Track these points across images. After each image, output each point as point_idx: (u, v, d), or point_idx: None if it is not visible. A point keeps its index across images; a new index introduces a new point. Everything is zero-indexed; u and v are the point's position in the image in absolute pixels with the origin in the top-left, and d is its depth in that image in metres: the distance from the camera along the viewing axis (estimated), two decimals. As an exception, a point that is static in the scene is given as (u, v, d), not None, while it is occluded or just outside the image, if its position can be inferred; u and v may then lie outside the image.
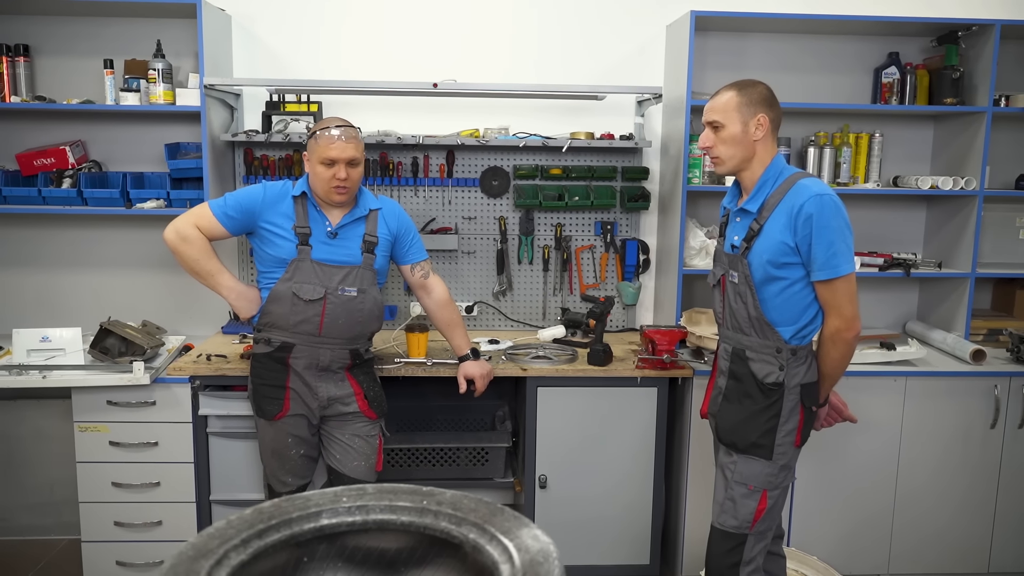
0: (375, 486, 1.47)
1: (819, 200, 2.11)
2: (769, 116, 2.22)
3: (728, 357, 2.32)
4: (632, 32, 3.52)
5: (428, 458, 3.17)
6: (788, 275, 2.18)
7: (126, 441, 2.94)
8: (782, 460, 2.23)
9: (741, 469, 2.25)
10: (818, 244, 2.11)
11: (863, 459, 3.12)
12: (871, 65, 3.53)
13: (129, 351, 2.96)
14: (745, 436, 2.24)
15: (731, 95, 2.23)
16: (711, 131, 2.26)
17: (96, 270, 3.48)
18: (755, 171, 2.24)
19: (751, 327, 2.24)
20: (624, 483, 3.08)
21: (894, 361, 3.13)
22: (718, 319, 2.39)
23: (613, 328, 3.63)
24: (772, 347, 2.21)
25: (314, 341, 2.56)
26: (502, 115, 3.49)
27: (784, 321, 2.20)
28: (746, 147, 2.22)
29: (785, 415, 2.20)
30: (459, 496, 1.43)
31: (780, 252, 2.16)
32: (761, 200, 2.22)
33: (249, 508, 1.36)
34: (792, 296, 2.19)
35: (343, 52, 3.45)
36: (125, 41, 3.31)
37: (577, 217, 3.58)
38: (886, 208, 3.67)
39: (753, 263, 2.20)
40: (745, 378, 2.26)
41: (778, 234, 2.16)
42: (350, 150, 2.47)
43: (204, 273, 2.59)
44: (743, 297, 2.24)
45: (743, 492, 2.25)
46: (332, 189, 2.49)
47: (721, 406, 2.34)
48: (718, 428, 2.34)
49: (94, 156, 3.42)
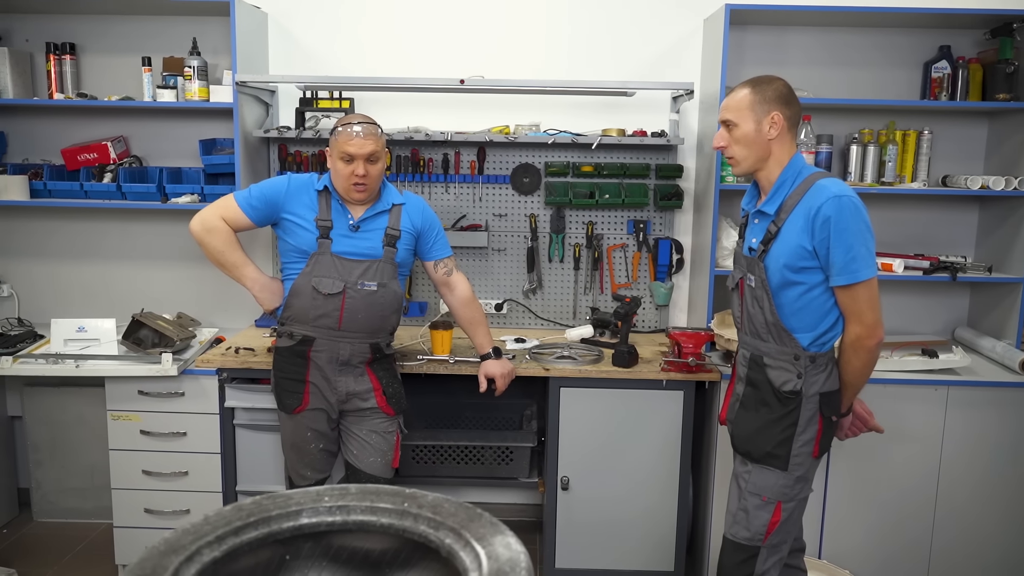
0: (359, 487, 1.46)
1: (837, 202, 2.01)
2: (784, 114, 2.12)
3: (746, 363, 2.24)
4: (669, 26, 3.43)
5: (453, 456, 3.15)
6: (806, 280, 2.09)
7: (156, 430, 3.00)
8: (798, 471, 2.14)
9: (755, 479, 2.17)
10: (837, 248, 2.01)
11: (901, 471, 2.99)
12: (920, 59, 3.37)
13: (162, 343, 3.03)
14: (760, 445, 2.16)
15: (745, 93, 2.14)
16: (725, 130, 2.18)
17: (136, 262, 3.57)
18: (772, 171, 2.16)
19: (768, 333, 2.16)
20: (648, 487, 3.01)
21: (936, 369, 2.99)
22: (737, 323, 2.31)
23: (644, 329, 3.56)
24: (790, 354, 2.13)
25: (334, 335, 2.57)
26: (534, 111, 3.45)
27: (802, 327, 2.12)
28: (761, 146, 2.14)
29: (803, 425, 2.11)
30: (440, 499, 1.40)
31: (798, 256, 2.07)
32: (779, 202, 2.13)
33: (230, 505, 1.36)
34: (811, 301, 2.10)
35: (376, 49, 3.46)
36: (165, 39, 3.38)
37: (609, 215, 3.51)
38: (935, 209, 3.50)
39: (770, 267, 2.12)
40: (762, 385, 2.18)
41: (795, 237, 2.07)
42: (369, 146, 2.46)
43: (228, 264, 2.62)
44: (760, 302, 2.16)
45: (756, 503, 2.17)
46: (351, 186, 2.49)
47: (738, 413, 2.26)
48: (733, 436, 2.26)
49: (136, 151, 3.50)
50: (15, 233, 3.57)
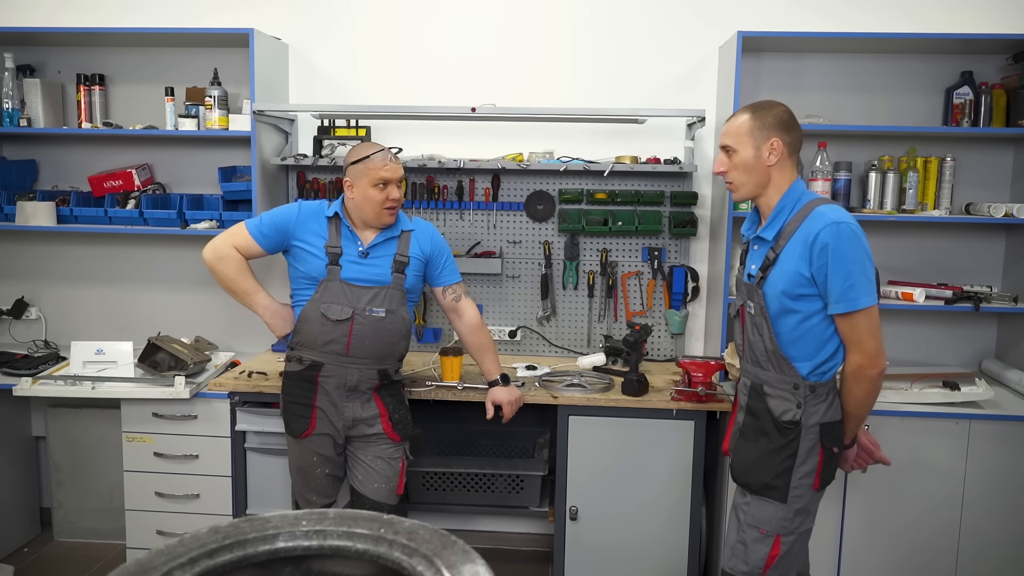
0: (337, 512, 1.46)
1: (835, 228, 1.99)
2: (784, 140, 2.11)
3: (746, 392, 2.21)
4: (684, 53, 3.43)
5: (464, 483, 3.15)
6: (804, 308, 2.06)
7: (169, 453, 3.06)
8: (798, 504, 2.10)
9: (754, 511, 2.14)
10: (835, 275, 1.99)
11: (921, 507, 2.90)
12: (941, 85, 3.32)
13: (178, 366, 3.09)
14: (759, 476, 2.12)
15: (745, 119, 2.14)
16: (724, 155, 2.18)
17: (157, 287, 3.66)
18: (771, 197, 2.14)
19: (768, 361, 2.13)
20: (659, 518, 2.97)
21: (958, 402, 2.91)
22: (739, 352, 2.28)
23: (659, 357, 3.53)
24: (789, 383, 2.10)
25: (342, 361, 2.59)
26: (548, 139, 3.47)
27: (801, 356, 2.08)
28: (760, 172, 2.13)
29: (802, 456, 2.07)
30: (416, 526, 1.40)
31: (795, 283, 2.05)
32: (777, 228, 2.12)
33: (207, 526, 1.37)
34: (810, 329, 2.07)
35: (393, 78, 3.52)
36: (188, 70, 3.49)
37: (623, 242, 3.51)
38: (960, 237, 3.43)
39: (768, 294, 2.10)
40: (762, 415, 2.14)
41: (793, 264, 2.05)
42: (400, 170, 2.60)
43: (240, 292, 2.68)
44: (759, 329, 2.13)
45: (755, 536, 2.13)
46: (384, 211, 2.57)
47: (737, 443, 2.23)
48: (732, 466, 2.23)
49: (160, 178, 3.60)
50: (43, 258, 3.68)
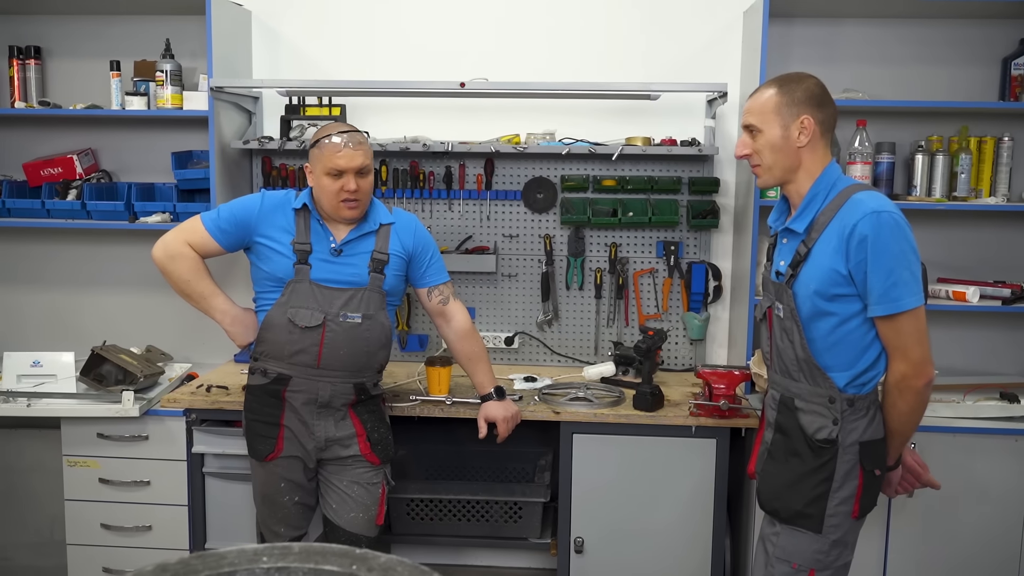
0: (302, 546, 1.45)
1: (876, 218, 1.97)
2: (816, 118, 2.09)
3: (775, 406, 2.19)
4: (704, 20, 3.42)
5: (454, 511, 3.13)
6: (840, 309, 2.04)
7: (117, 479, 3.03)
8: (834, 535, 2.08)
9: (784, 543, 2.12)
10: (875, 272, 1.97)
11: (976, 536, 2.89)
12: (998, 54, 3.31)
13: (126, 379, 3.07)
14: (790, 503, 2.10)
15: (771, 94, 2.12)
16: (748, 135, 2.16)
17: (102, 289, 3.63)
18: (802, 184, 2.13)
19: (800, 371, 2.11)
20: (676, 551, 2.95)
21: (1017, 416, 2.91)
22: (766, 360, 2.27)
23: (676, 367, 3.52)
24: (824, 396, 2.08)
25: (312, 373, 2.57)
26: (548, 118, 3.45)
27: (838, 365, 2.07)
28: (789, 155, 2.11)
29: (839, 479, 2.06)
30: (393, 562, 1.39)
31: (830, 281, 2.03)
32: (809, 218, 2.10)
33: (152, 563, 1.36)
34: (847, 335, 2.05)
35: (371, 50, 3.50)
36: (136, 41, 3.46)
37: (635, 236, 3.50)
38: (1018, 228, 3.41)
39: (799, 294, 2.08)
40: (792, 432, 2.13)
41: (828, 260, 2.03)
42: (359, 158, 2.48)
43: (195, 295, 2.65)
44: (789, 334, 2.12)
45: (785, 571, 2.11)
46: (341, 204, 2.50)
47: (765, 465, 2.21)
48: (760, 492, 2.21)
49: (105, 165, 3.58)
50: (-31, 256, 3.67)
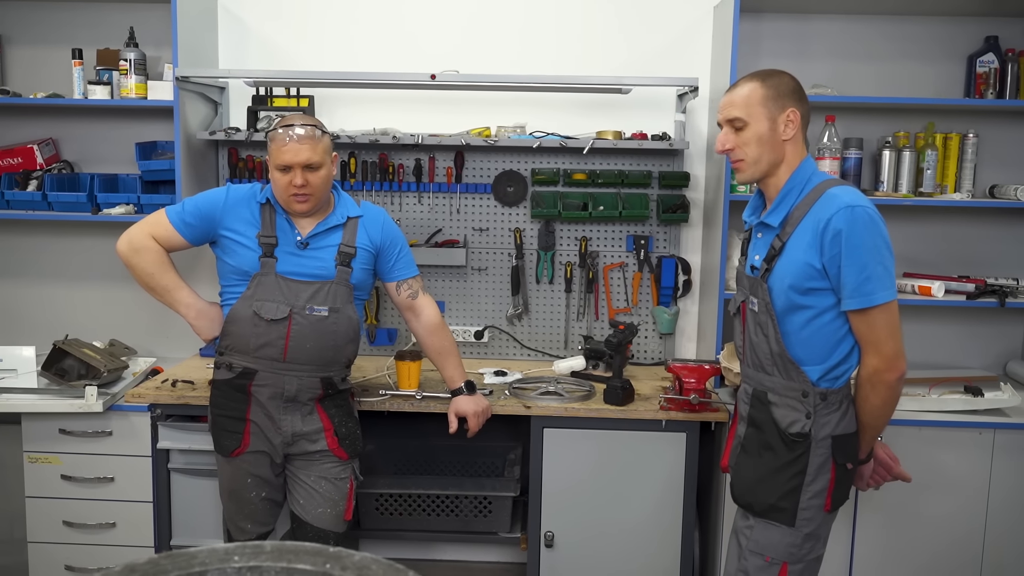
0: (274, 544, 1.43)
1: (850, 213, 1.97)
2: (800, 111, 2.10)
3: (748, 400, 2.19)
4: (674, 14, 3.41)
5: (423, 506, 3.12)
6: (814, 303, 2.04)
7: (80, 475, 2.97)
8: (807, 528, 2.08)
9: (757, 536, 2.12)
10: (848, 266, 1.97)
11: (941, 527, 2.92)
12: (963, 52, 3.34)
13: (89, 374, 3.02)
14: (763, 497, 2.10)
15: (754, 86, 2.11)
16: (731, 130, 2.14)
17: (64, 282, 3.55)
18: (781, 178, 2.12)
19: (773, 365, 2.11)
20: (647, 544, 2.95)
21: (981, 410, 2.94)
22: (739, 354, 2.27)
23: (646, 360, 3.53)
24: (797, 390, 2.08)
25: (278, 367, 2.54)
26: (519, 111, 3.42)
27: (811, 359, 2.07)
28: (774, 148, 2.11)
29: (812, 473, 2.06)
30: (368, 560, 1.37)
31: (805, 275, 2.03)
32: (784, 212, 2.09)
33: (120, 564, 1.34)
34: (820, 328, 2.06)
35: (339, 41, 3.44)
36: (99, 29, 3.37)
37: (606, 230, 3.49)
38: (981, 224, 3.45)
39: (774, 288, 2.07)
40: (766, 426, 2.13)
41: (802, 254, 2.03)
42: (304, 153, 2.42)
43: (159, 288, 2.62)
44: (763, 328, 2.11)
45: (759, 564, 2.11)
46: (291, 198, 2.47)
47: (738, 459, 2.21)
48: (733, 485, 2.21)
49: (67, 156, 3.50)
50: (-72, 248, 3.58)
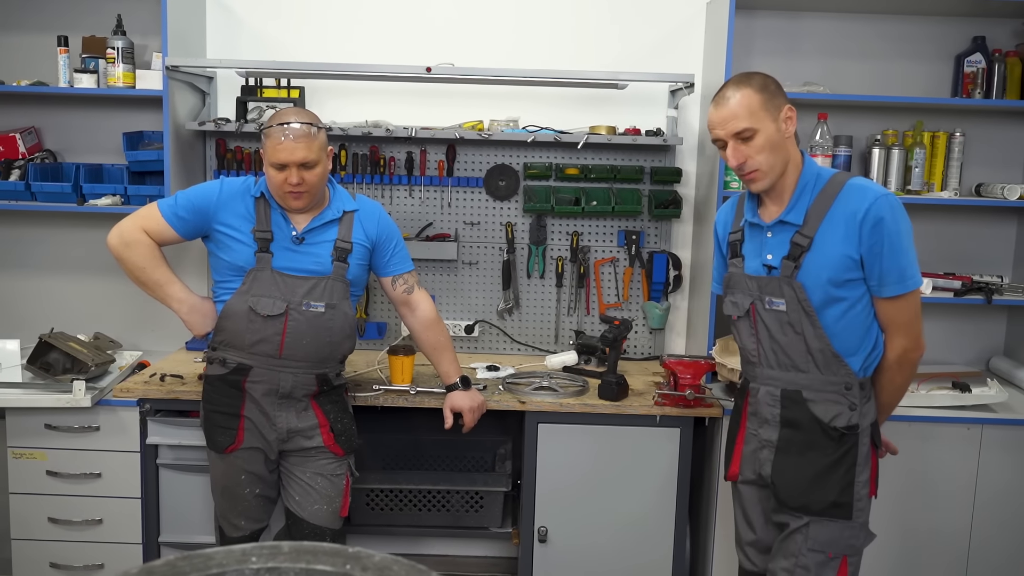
0: (292, 545, 1.40)
1: (887, 201, 2.02)
2: (792, 106, 2.11)
3: (776, 403, 2.16)
4: (667, 11, 3.38)
5: (414, 501, 3.10)
6: (849, 294, 2.07)
7: (66, 471, 2.91)
8: (862, 517, 2.13)
9: (815, 534, 2.11)
10: (891, 254, 2.02)
11: (929, 522, 2.94)
12: (951, 51, 3.35)
13: (75, 368, 2.96)
14: (821, 496, 2.10)
15: (747, 93, 2.08)
16: (739, 143, 2.09)
17: (47, 274, 3.46)
18: (788, 177, 2.11)
19: (810, 362, 2.10)
20: (640, 539, 2.94)
21: (969, 405, 2.96)
22: (750, 357, 2.23)
23: (636, 356, 3.51)
24: (839, 383, 2.09)
25: (274, 364, 2.50)
26: (511, 105, 3.39)
27: (851, 350, 2.09)
28: (784, 149, 2.10)
29: (861, 463, 2.11)
30: (389, 560, 1.35)
31: (843, 267, 2.04)
32: (805, 208, 2.09)
33: (137, 567, 1.30)
34: (854, 319, 2.09)
35: (331, 31, 3.38)
36: (85, 16, 3.28)
37: (597, 225, 3.48)
38: (968, 222, 3.48)
39: (808, 284, 2.06)
40: (807, 424, 2.12)
41: (838, 247, 2.04)
42: (300, 151, 2.36)
43: (151, 283, 2.56)
44: (796, 327, 2.09)
45: (820, 560, 2.11)
46: (287, 195, 2.42)
47: (776, 463, 2.17)
48: (779, 490, 2.16)
49: (49, 145, 3.41)
50: (-93, 239, 3.48)
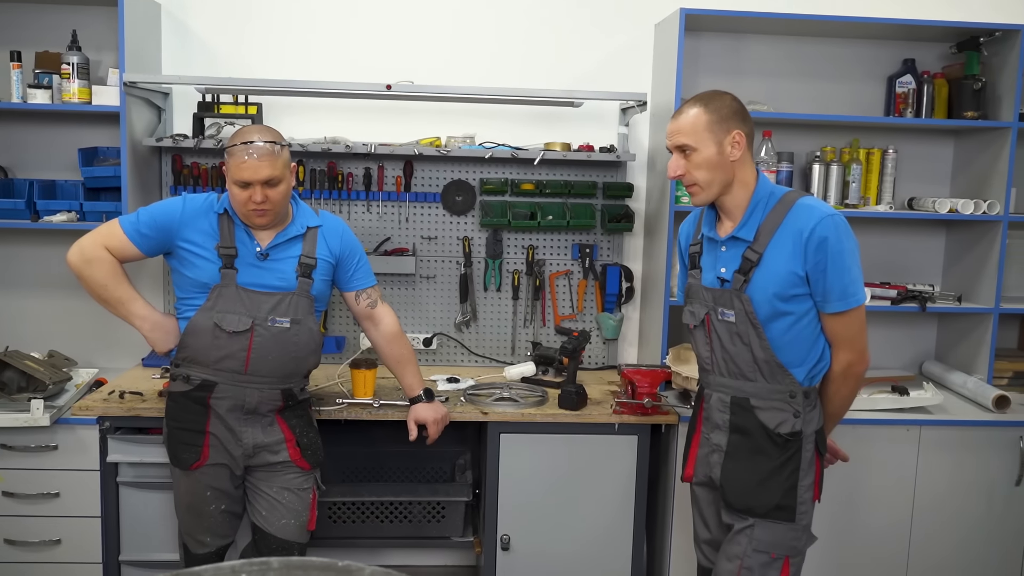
0: (281, 560, 1.39)
1: (832, 221, 2.06)
2: (744, 131, 2.13)
3: (726, 409, 2.21)
4: (617, 31, 3.43)
5: (375, 513, 3.09)
6: (795, 309, 2.11)
7: (23, 491, 2.83)
8: (804, 520, 2.17)
9: (760, 535, 2.15)
10: (835, 272, 2.06)
11: (872, 519, 3.02)
12: (884, 73, 3.48)
13: (30, 386, 2.87)
14: (765, 499, 2.14)
15: (697, 112, 2.12)
16: (681, 156, 2.15)
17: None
18: (737, 195, 2.16)
19: (757, 371, 2.15)
20: (600, 544, 2.97)
21: (907, 408, 3.05)
22: (704, 365, 2.28)
23: (591, 365, 3.55)
24: (784, 392, 2.14)
25: (239, 380, 2.46)
26: (468, 122, 3.40)
27: (796, 361, 2.14)
28: (724, 170, 2.13)
29: (804, 468, 2.15)
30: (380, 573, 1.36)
31: (788, 283, 2.09)
32: (756, 225, 2.13)
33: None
34: (800, 332, 2.13)
35: (291, 47, 3.35)
36: (38, 31, 3.21)
37: (552, 239, 3.51)
38: (900, 234, 3.61)
39: (756, 298, 2.11)
40: (754, 431, 2.16)
41: (784, 263, 2.08)
42: (264, 170, 2.33)
43: (113, 300, 2.49)
44: (744, 337, 2.14)
45: (763, 560, 2.14)
46: (250, 212, 2.39)
47: (725, 467, 2.21)
48: (727, 492, 2.21)
49: (0, 161, 3.34)
50: None
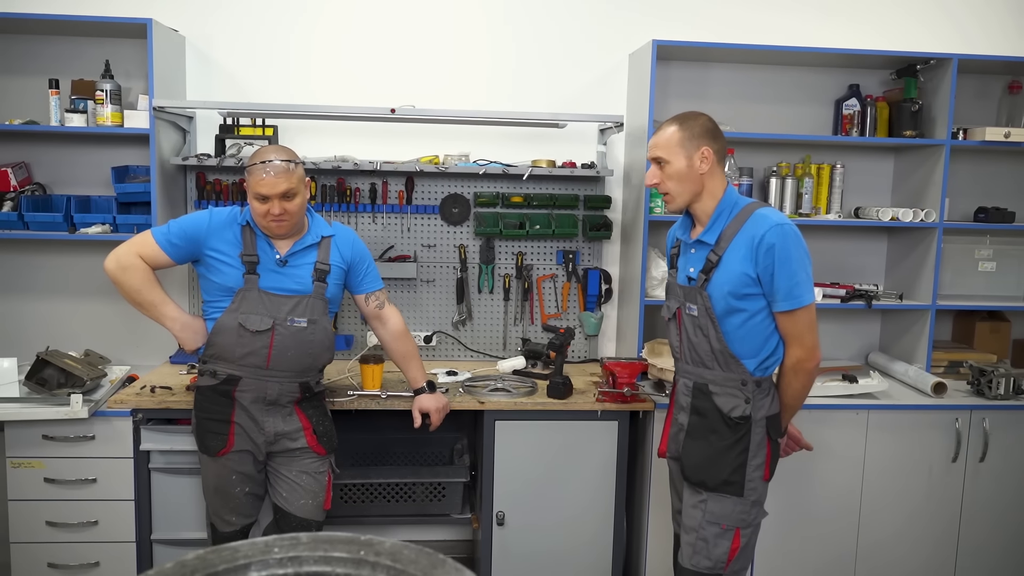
0: (309, 535, 1.40)
1: (780, 230, 2.14)
2: (713, 148, 2.25)
3: (689, 392, 2.34)
4: (595, 60, 3.59)
5: (383, 493, 3.12)
6: (749, 306, 2.21)
7: (62, 478, 2.89)
8: (753, 496, 2.26)
9: (712, 508, 2.26)
10: (780, 274, 2.15)
11: (826, 494, 3.16)
12: (832, 97, 3.60)
13: (68, 382, 2.89)
14: (715, 474, 2.25)
15: (673, 130, 2.26)
16: (656, 167, 2.30)
17: (39, 297, 3.45)
18: (706, 204, 2.28)
19: (714, 360, 2.27)
20: (584, 519, 3.07)
21: (856, 394, 3.17)
22: (675, 353, 2.43)
23: (574, 359, 3.63)
24: (737, 380, 2.25)
25: (261, 374, 2.51)
26: (463, 141, 3.51)
27: (748, 353, 2.24)
28: (694, 181, 2.26)
29: (753, 449, 2.24)
30: (399, 546, 1.36)
31: (741, 283, 2.19)
32: (718, 231, 2.26)
33: (172, 561, 1.28)
34: (754, 327, 2.23)
35: (302, 75, 3.50)
36: (73, 60, 3.33)
37: (539, 246, 3.57)
38: (848, 239, 3.73)
39: (714, 295, 2.23)
40: (710, 413, 2.27)
41: (738, 265, 2.19)
42: (281, 185, 2.41)
43: (147, 304, 2.53)
44: (704, 330, 2.27)
45: (716, 531, 2.25)
46: (270, 223, 2.48)
47: (685, 444, 2.35)
48: (684, 467, 2.34)
49: (39, 179, 3.38)
50: (-100, 266, 3.34)
